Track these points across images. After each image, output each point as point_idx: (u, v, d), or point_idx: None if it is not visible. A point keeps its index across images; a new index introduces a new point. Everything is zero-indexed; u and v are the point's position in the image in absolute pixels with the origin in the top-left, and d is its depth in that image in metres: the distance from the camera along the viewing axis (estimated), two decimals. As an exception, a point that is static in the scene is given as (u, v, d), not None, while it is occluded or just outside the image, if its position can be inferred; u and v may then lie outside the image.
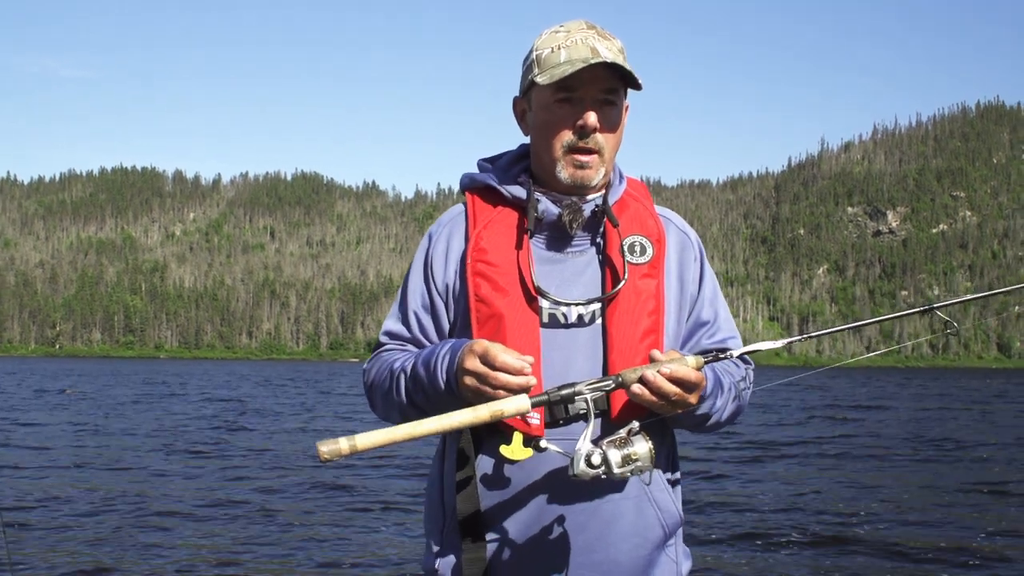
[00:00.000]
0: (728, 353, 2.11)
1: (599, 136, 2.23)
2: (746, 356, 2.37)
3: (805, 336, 2.17)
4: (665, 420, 2.25)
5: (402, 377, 2.23)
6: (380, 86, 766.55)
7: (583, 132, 2.21)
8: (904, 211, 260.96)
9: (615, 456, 1.93)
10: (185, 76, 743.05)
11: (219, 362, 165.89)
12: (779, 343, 2.10)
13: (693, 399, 2.08)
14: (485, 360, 2.02)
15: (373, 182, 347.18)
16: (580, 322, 2.23)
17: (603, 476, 1.94)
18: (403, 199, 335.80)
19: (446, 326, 2.34)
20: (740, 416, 2.38)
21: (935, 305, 2.13)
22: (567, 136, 2.23)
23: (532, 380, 2.00)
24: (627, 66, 2.20)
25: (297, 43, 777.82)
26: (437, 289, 2.34)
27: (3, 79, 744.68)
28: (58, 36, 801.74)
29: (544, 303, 2.22)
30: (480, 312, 2.23)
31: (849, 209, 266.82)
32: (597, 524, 2.19)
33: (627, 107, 2.35)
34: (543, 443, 2.01)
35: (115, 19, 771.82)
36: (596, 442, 1.97)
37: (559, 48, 2.21)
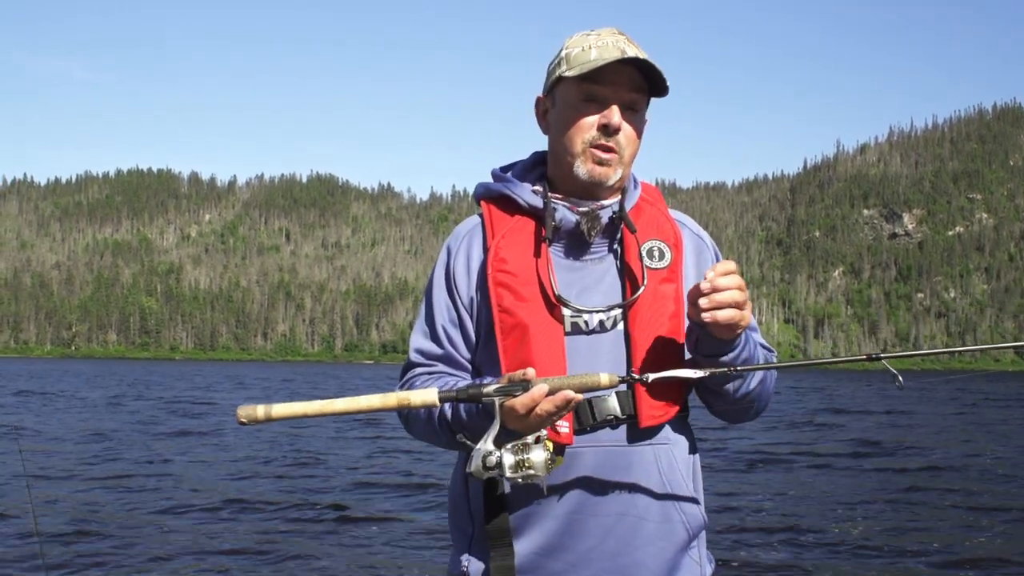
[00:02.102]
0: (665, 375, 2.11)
1: (620, 138, 2.24)
2: (768, 344, 2.39)
3: (731, 368, 2.14)
4: (687, 421, 2.36)
5: (448, 411, 2.20)
6: (395, 88, 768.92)
7: (606, 131, 2.23)
8: (920, 213, 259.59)
9: (509, 460, 1.97)
10: (200, 78, 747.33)
11: (234, 364, 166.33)
12: (701, 373, 2.13)
13: (747, 314, 2.08)
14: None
15: (388, 184, 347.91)
16: (602, 328, 2.25)
17: (498, 478, 1.99)
18: (418, 201, 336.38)
19: (473, 339, 2.36)
20: (767, 398, 2.38)
21: (882, 355, 2.11)
22: (589, 133, 2.24)
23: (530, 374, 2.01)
24: (656, 65, 2.22)
25: (313, 45, 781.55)
26: (462, 302, 2.35)
27: (19, 81, 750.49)
28: (73, 39, 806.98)
29: (566, 311, 2.24)
30: (504, 322, 2.24)
31: (865, 211, 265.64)
32: (623, 528, 2.21)
33: (646, 120, 2.36)
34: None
35: (130, 22, 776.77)
36: (499, 443, 2.00)
37: (590, 47, 2.23)
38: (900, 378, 2.08)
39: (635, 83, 2.24)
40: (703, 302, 2.01)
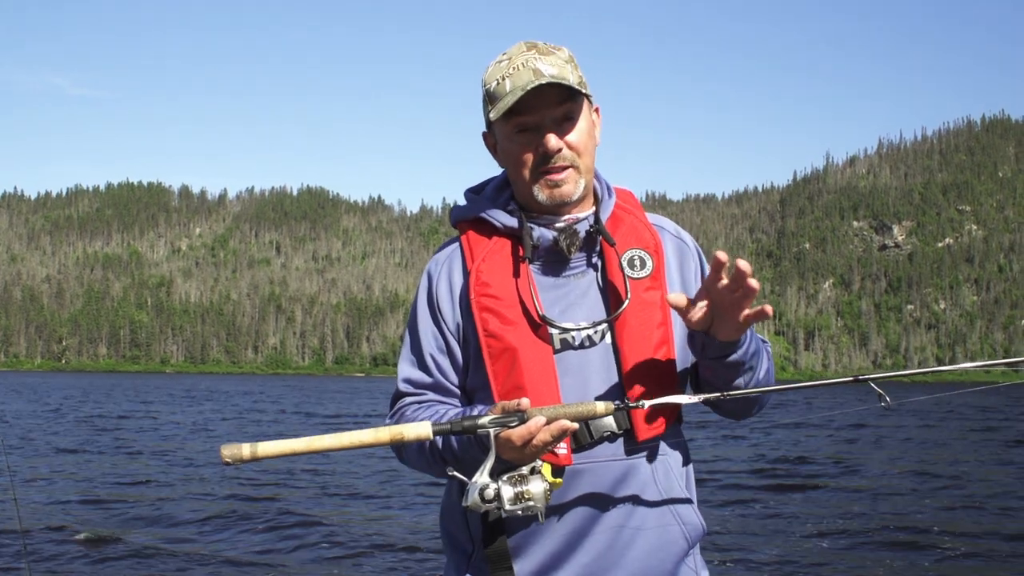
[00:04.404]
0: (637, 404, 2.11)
1: (567, 152, 2.21)
2: (761, 336, 2.35)
3: (724, 394, 2.16)
4: (680, 430, 2.37)
5: (439, 441, 2.19)
6: (386, 101, 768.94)
7: (546, 156, 2.21)
8: (910, 225, 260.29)
9: (508, 492, 1.96)
10: (191, 92, 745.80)
11: (225, 377, 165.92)
12: (695, 398, 2.16)
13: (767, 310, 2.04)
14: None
15: (379, 197, 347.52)
16: (590, 343, 2.24)
17: (496, 510, 1.97)
18: (409, 214, 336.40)
19: (462, 364, 2.34)
20: (770, 384, 2.31)
21: (869, 376, 2.12)
22: (533, 162, 2.23)
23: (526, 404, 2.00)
24: (569, 79, 2.19)
25: (303, 59, 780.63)
26: (448, 329, 2.33)
27: (11, 96, 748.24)
28: (64, 54, 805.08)
29: (553, 330, 2.22)
30: (492, 347, 2.22)
31: (855, 223, 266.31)
32: (622, 542, 2.21)
33: (597, 109, 2.35)
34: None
35: (121, 37, 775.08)
36: (495, 475, 1.99)
37: (504, 79, 2.20)
38: (887, 398, 2.09)
39: (560, 95, 2.20)
40: (736, 291, 1.98)
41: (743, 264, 1.95)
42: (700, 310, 2.06)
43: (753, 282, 1.96)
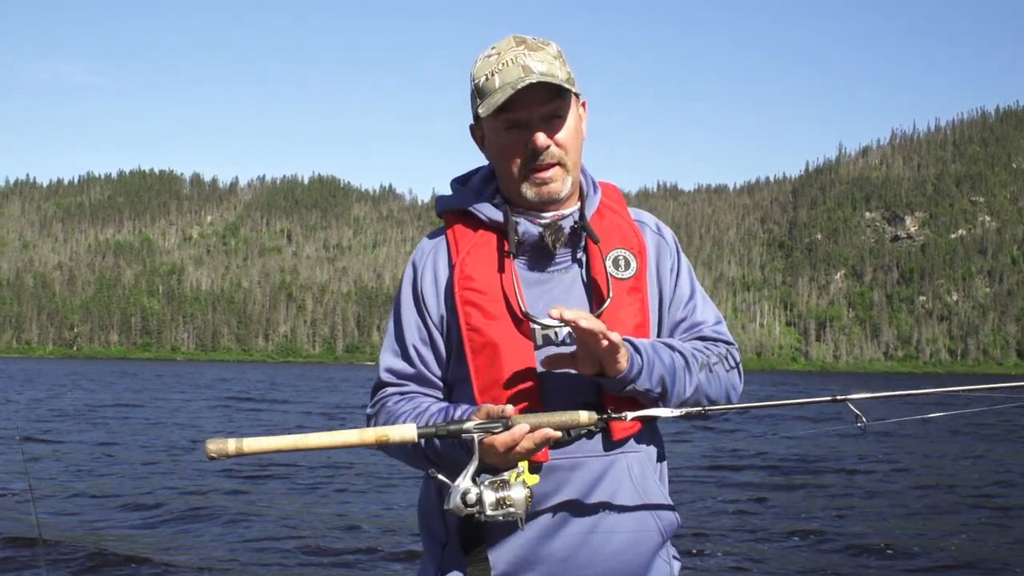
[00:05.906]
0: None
1: (555, 150, 2.23)
2: (729, 337, 2.44)
3: (704, 409, 2.23)
4: (656, 426, 2.37)
5: (422, 440, 2.14)
6: (397, 89, 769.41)
7: (535, 154, 2.22)
8: (922, 216, 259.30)
9: (490, 497, 1.98)
10: (202, 80, 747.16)
11: (235, 364, 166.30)
12: (676, 412, 2.19)
13: (621, 358, 2.10)
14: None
15: (390, 185, 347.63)
16: (572, 340, 2.20)
17: (477, 514, 1.99)
18: (420, 202, 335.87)
19: (444, 356, 2.35)
20: (728, 391, 2.37)
21: (848, 397, 2.13)
22: (522, 158, 2.24)
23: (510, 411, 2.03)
24: (558, 76, 2.20)
25: (314, 47, 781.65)
26: (432, 320, 2.33)
27: (22, 85, 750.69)
28: (76, 43, 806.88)
29: (535, 325, 2.23)
30: (474, 341, 2.23)
31: (867, 214, 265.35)
32: (597, 539, 2.22)
33: (584, 103, 2.36)
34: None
35: (132, 26, 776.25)
36: (477, 479, 2.01)
37: (493, 74, 2.21)
38: (864, 419, 2.13)
39: (549, 92, 2.21)
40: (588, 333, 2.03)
41: (554, 312, 2.01)
42: (582, 359, 2.13)
43: (576, 324, 2.03)
